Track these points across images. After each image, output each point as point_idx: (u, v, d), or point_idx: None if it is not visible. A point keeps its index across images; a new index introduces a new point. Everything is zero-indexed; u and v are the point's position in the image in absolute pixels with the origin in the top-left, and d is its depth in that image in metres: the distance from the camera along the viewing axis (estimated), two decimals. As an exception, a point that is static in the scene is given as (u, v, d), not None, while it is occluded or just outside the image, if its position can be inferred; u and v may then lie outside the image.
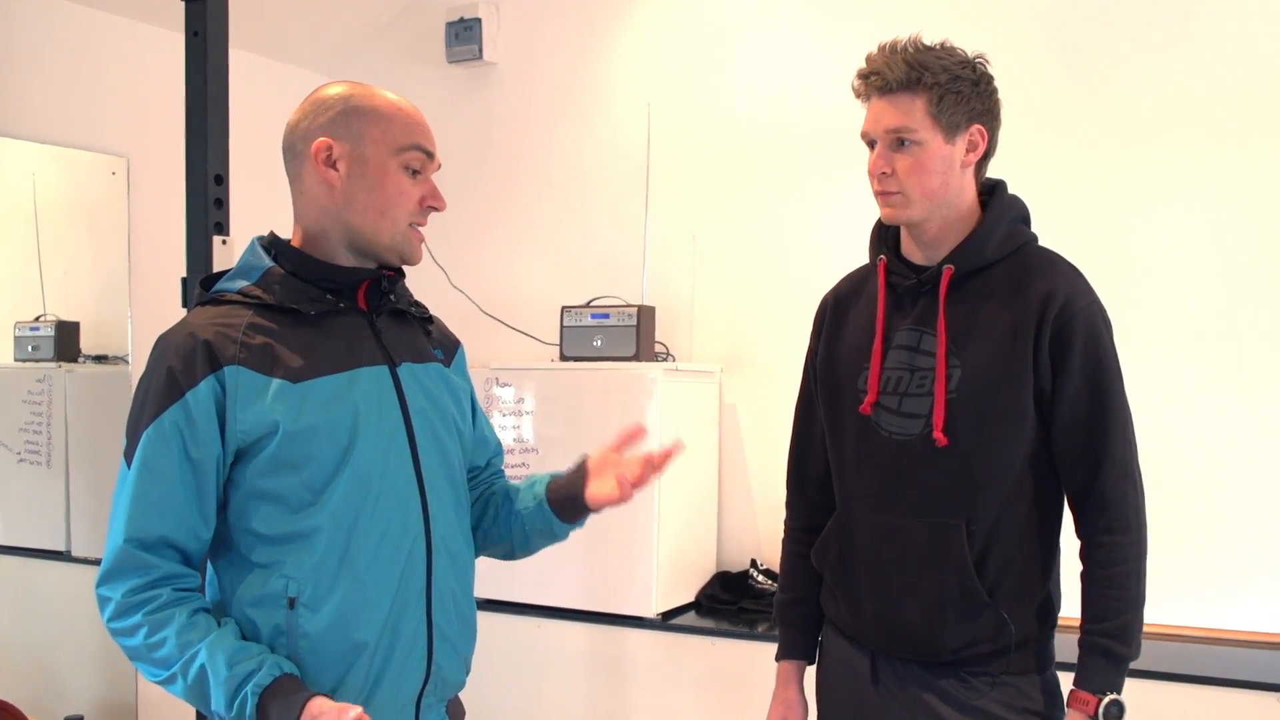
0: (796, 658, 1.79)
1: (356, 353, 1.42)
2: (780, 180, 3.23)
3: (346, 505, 1.36)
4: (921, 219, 1.60)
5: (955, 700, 1.60)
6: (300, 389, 1.35)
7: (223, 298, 1.40)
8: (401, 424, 1.43)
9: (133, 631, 1.30)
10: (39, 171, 2.98)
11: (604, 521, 2.93)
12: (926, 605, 1.59)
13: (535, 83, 3.63)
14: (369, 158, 1.40)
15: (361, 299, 1.46)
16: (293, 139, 1.44)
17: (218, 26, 2.10)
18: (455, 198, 3.91)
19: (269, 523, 1.35)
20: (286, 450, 1.34)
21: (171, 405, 1.31)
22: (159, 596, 1.31)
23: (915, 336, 1.62)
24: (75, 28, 3.01)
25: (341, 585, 1.36)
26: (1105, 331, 1.58)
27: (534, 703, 3.07)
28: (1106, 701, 1.53)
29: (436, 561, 1.44)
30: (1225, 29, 2.71)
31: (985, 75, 1.60)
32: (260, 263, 1.42)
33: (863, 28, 3.02)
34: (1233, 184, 2.70)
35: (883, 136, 1.57)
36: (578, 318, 3.21)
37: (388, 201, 1.41)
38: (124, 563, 1.31)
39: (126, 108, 3.09)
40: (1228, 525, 2.68)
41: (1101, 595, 1.56)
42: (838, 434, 1.70)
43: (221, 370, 1.32)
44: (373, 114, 1.41)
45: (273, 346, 1.36)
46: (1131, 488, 1.57)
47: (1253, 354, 2.67)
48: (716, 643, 2.87)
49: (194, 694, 1.29)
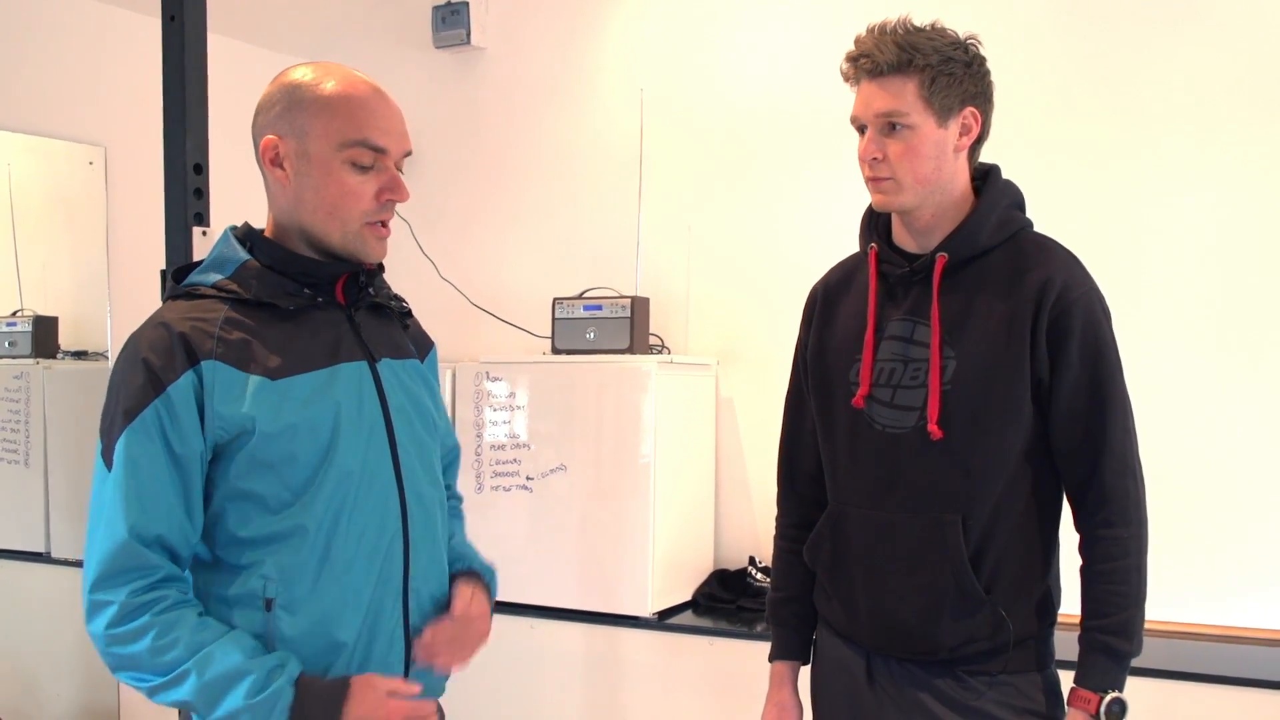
0: (790, 658, 1.79)
1: (335, 349, 1.41)
2: (778, 168, 3.23)
3: (327, 505, 1.36)
4: (914, 205, 1.59)
5: (953, 701, 1.60)
6: (280, 386, 1.34)
7: (196, 291, 1.38)
8: (381, 421, 1.43)
9: (138, 635, 1.26)
10: (14, 162, 2.98)
11: (598, 518, 2.96)
12: (922, 603, 1.59)
13: (525, 68, 3.63)
14: (312, 154, 1.36)
15: (339, 293, 1.45)
16: (253, 130, 1.43)
17: (195, 10, 2.09)
18: (443, 187, 3.93)
19: (247, 524, 1.34)
20: (266, 449, 1.33)
21: (153, 400, 1.29)
22: (167, 597, 1.29)
23: (908, 327, 1.61)
24: (50, 13, 3.00)
25: (321, 586, 1.35)
26: (1104, 320, 1.58)
27: (529, 703, 3.07)
28: (1108, 699, 1.53)
29: (414, 561, 1.44)
30: (1231, 11, 2.70)
31: (978, 56, 1.59)
32: (235, 255, 1.40)
33: (859, 10, 3.01)
34: (1239, 169, 2.70)
35: (873, 121, 1.57)
36: (570, 310, 3.21)
37: (334, 202, 1.37)
38: (125, 562, 1.27)
39: (104, 95, 3.08)
40: (1235, 519, 2.68)
41: (1102, 591, 1.56)
42: (829, 428, 1.69)
43: (200, 365, 1.31)
44: (316, 106, 1.36)
45: (250, 342, 1.35)
46: (1132, 480, 1.56)
47: (1261, 342, 2.67)
48: (714, 642, 2.87)
49: (206, 691, 1.26)
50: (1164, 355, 2.70)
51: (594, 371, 3.04)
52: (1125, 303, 1.77)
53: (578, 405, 3.04)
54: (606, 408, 3.00)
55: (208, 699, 1.27)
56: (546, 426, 3.06)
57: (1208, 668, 2.41)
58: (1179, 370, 2.72)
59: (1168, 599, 2.52)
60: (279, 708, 1.27)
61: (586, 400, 3.03)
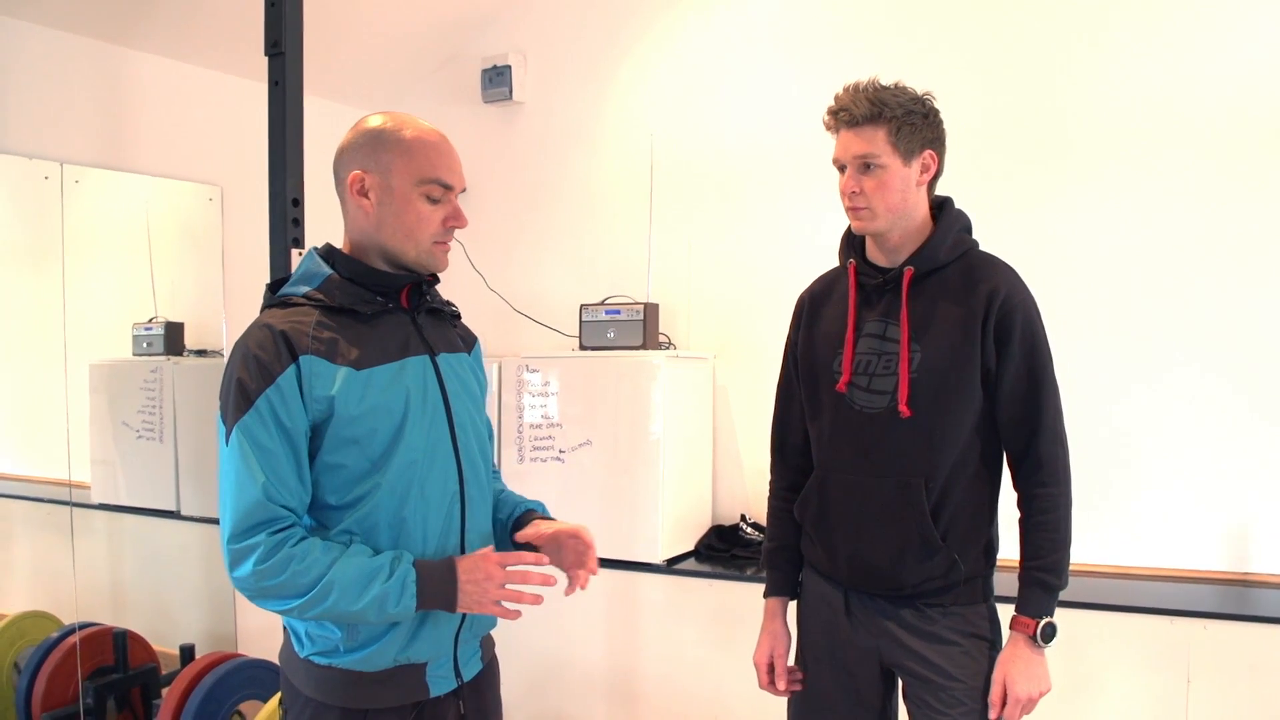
0: (781, 595, 1.79)
1: (404, 345, 1.41)
2: (763, 195, 3.22)
3: (400, 472, 1.35)
4: (885, 229, 1.60)
5: (913, 627, 1.61)
6: (363, 375, 1.34)
7: (290, 300, 1.38)
8: (441, 404, 1.43)
9: (283, 566, 1.26)
10: (150, 199, 2.98)
11: (618, 484, 2.96)
12: (890, 549, 1.59)
13: (556, 118, 3.62)
14: (395, 188, 1.37)
15: (404, 299, 1.45)
16: (336, 166, 1.42)
17: (294, 78, 2.09)
18: (490, 214, 3.93)
19: (336, 492, 1.34)
20: (352, 427, 1.33)
21: (266, 389, 1.29)
22: (295, 533, 1.29)
23: (881, 326, 1.62)
24: (179, 81, 3.01)
25: (396, 537, 1.35)
26: (1038, 320, 1.59)
27: (562, 636, 3.07)
28: (1043, 624, 1.54)
29: (469, 519, 1.44)
30: (1130, 68, 2.70)
31: (933, 109, 1.60)
32: (320, 270, 1.40)
33: (829, 69, 3.01)
34: (1136, 198, 2.70)
35: (852, 162, 1.57)
36: (594, 314, 3.20)
37: (411, 226, 1.38)
38: (260, 516, 1.27)
39: (221, 146, 3.08)
40: (1129, 480, 2.68)
41: (1037, 537, 1.56)
42: (816, 409, 1.69)
43: (299, 359, 1.31)
44: (398, 148, 1.37)
45: (337, 340, 1.34)
46: (1061, 448, 1.57)
47: (1159, 338, 2.67)
48: (713, 584, 2.87)
49: (349, 591, 1.26)
50: (1083, 348, 2.70)
51: (614, 364, 3.04)
52: (1053, 306, 1.77)
53: (600, 392, 3.03)
54: (624, 394, 3.00)
55: (352, 596, 1.27)
56: (575, 409, 3.06)
57: (1105, 599, 2.41)
58: (1095, 360, 2.71)
59: (1087, 544, 2.53)
60: (408, 582, 1.29)
61: (607, 388, 3.03)
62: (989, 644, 1.61)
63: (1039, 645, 1.54)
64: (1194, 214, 2.62)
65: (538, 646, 3.09)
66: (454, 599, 1.32)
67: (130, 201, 2.93)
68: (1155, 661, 2.32)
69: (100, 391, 2.88)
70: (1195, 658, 2.28)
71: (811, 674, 1.72)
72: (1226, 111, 2.59)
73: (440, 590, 1.31)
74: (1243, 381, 2.57)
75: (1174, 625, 2.30)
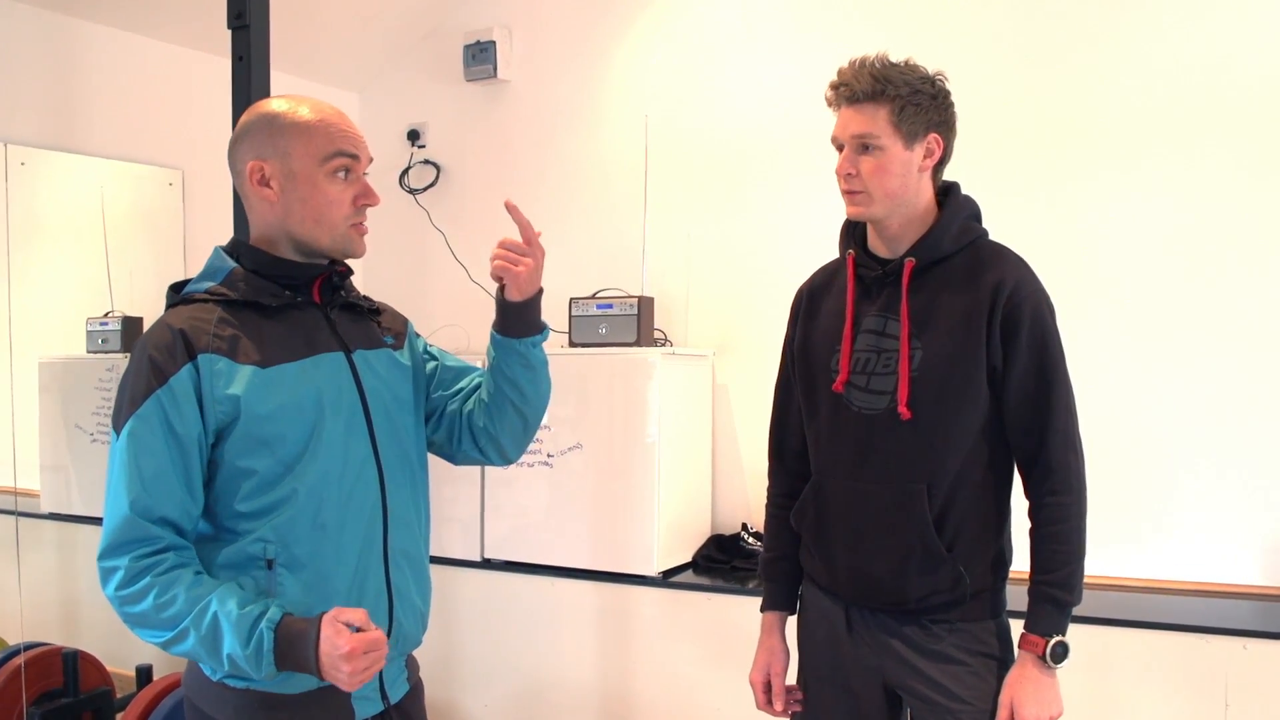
0: (779, 609, 1.80)
1: (314, 341, 1.42)
2: (765, 182, 3.23)
3: (316, 477, 1.36)
4: (883, 216, 1.60)
5: (918, 645, 1.61)
6: (268, 373, 1.35)
7: (192, 298, 1.40)
8: (359, 403, 1.43)
9: (142, 595, 1.27)
10: (105, 184, 2.99)
11: (610, 490, 2.97)
12: (893, 560, 1.60)
13: (544, 98, 3.63)
14: (297, 172, 1.38)
15: (316, 293, 1.46)
16: (231, 159, 1.43)
17: (260, 52, 2.11)
18: (473, 202, 3.94)
19: (247, 499, 1.35)
20: (260, 428, 1.34)
21: (156, 390, 1.30)
22: (165, 560, 1.29)
23: (881, 322, 1.62)
24: (135, 56, 3.02)
25: (314, 547, 1.36)
26: (1049, 315, 1.59)
27: (550, 654, 3.08)
28: (1053, 643, 1.53)
29: (392, 527, 1.45)
30: (1159, 45, 2.71)
31: (943, 90, 1.60)
32: (224, 265, 1.42)
33: (836, 47, 3.02)
34: (1169, 183, 2.70)
35: (849, 141, 1.58)
36: (584, 308, 3.20)
37: (321, 210, 1.39)
38: (129, 534, 1.28)
39: (181, 126, 3.10)
40: (1160, 488, 2.69)
41: (1048, 549, 1.56)
42: (813, 410, 1.70)
43: (197, 358, 1.32)
44: (295, 130, 1.38)
45: (241, 337, 1.36)
46: (1074, 454, 1.57)
47: (1190, 333, 2.68)
48: (712, 598, 2.87)
49: (205, 642, 1.26)
50: (1100, 346, 2.71)
51: (606, 362, 3.04)
52: (1067, 300, 1.78)
53: (592, 392, 3.04)
54: (617, 394, 3.00)
55: (208, 647, 1.27)
56: (564, 410, 3.06)
57: (1130, 614, 2.41)
58: (1113, 359, 2.72)
59: (1104, 556, 2.54)
60: (265, 651, 1.26)
61: (599, 387, 3.03)
62: (999, 663, 1.61)
63: (1049, 666, 1.54)
64: (1231, 199, 2.63)
65: (524, 665, 3.10)
66: (315, 669, 1.27)
67: (83, 186, 2.93)
68: (1189, 683, 2.31)
69: (51, 391, 2.89)
70: (1233, 680, 2.28)
71: (813, 695, 1.73)
72: (1268, 89, 2.59)
73: (300, 658, 1.27)
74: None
75: (1210, 644, 2.29)
